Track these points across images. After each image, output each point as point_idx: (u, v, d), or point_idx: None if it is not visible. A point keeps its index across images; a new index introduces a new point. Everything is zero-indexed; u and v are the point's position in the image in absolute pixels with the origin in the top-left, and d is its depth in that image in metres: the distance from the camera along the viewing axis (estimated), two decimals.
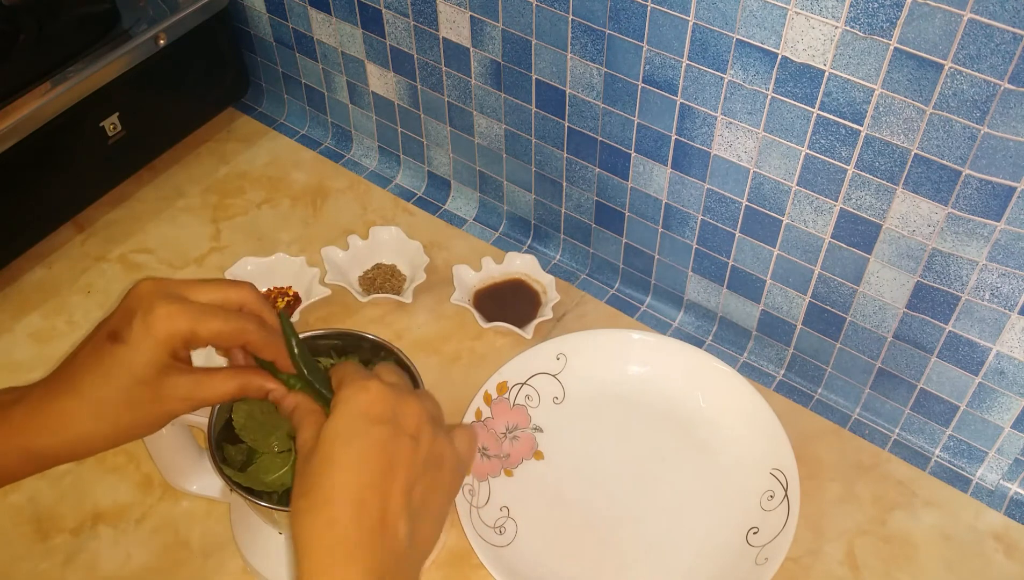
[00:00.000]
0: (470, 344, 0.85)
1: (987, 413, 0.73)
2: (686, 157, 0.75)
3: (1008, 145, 0.58)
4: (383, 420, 0.48)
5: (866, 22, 0.59)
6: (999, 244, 0.63)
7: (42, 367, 0.84)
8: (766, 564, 0.67)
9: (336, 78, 0.98)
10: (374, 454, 0.47)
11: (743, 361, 0.85)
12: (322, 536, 0.45)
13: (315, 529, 0.46)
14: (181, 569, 0.71)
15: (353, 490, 0.46)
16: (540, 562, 0.70)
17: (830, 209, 0.70)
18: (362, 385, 0.49)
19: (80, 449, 0.51)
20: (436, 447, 0.50)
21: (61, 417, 0.50)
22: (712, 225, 0.78)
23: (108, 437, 0.51)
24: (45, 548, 0.72)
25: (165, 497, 0.75)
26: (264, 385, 0.54)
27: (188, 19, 0.93)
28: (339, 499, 0.46)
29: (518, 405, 0.78)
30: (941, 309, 0.69)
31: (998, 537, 0.73)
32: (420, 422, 0.50)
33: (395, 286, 0.89)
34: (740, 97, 0.68)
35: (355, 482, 0.46)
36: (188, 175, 1.01)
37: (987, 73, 0.56)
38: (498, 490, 0.74)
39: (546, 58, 0.78)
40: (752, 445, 0.75)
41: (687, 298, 0.86)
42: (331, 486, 0.46)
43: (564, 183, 0.86)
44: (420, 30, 0.85)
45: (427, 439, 0.50)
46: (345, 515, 0.46)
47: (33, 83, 0.83)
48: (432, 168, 0.98)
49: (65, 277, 0.91)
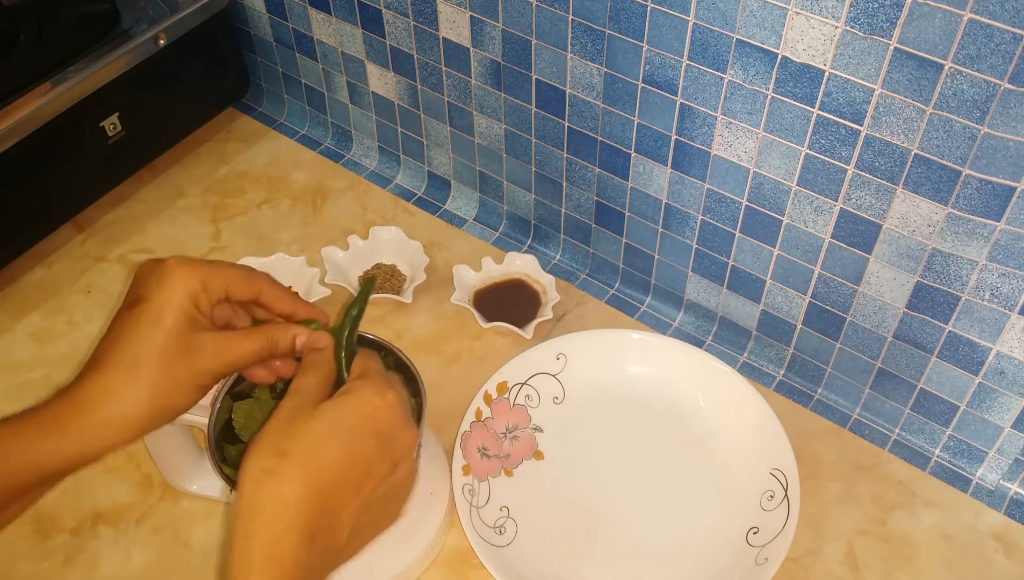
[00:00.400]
0: (470, 344, 0.85)
1: (987, 413, 0.73)
2: (686, 157, 0.75)
3: (1008, 145, 0.58)
4: (381, 434, 0.49)
5: (866, 22, 0.59)
6: (999, 244, 0.63)
7: (42, 367, 0.84)
8: (766, 564, 0.67)
9: (336, 78, 0.98)
10: (358, 459, 0.48)
11: (743, 361, 0.85)
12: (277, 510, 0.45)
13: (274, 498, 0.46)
14: (181, 569, 0.71)
15: (327, 482, 0.47)
16: (540, 562, 0.70)
17: (830, 209, 0.70)
18: (382, 391, 0.50)
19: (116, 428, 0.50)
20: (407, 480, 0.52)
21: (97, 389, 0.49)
22: (712, 225, 0.78)
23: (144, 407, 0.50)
24: (45, 548, 0.72)
25: (165, 497, 0.75)
26: (288, 333, 0.54)
27: (188, 19, 0.93)
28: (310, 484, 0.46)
29: (518, 405, 0.78)
30: (941, 309, 0.69)
31: (998, 537, 0.73)
32: (406, 452, 0.51)
33: (395, 286, 0.89)
34: (740, 97, 0.68)
35: (331, 476, 0.47)
36: (188, 175, 1.01)
37: (987, 73, 0.56)
38: (498, 490, 0.74)
39: (546, 58, 0.78)
40: (752, 445, 0.75)
41: (687, 298, 0.86)
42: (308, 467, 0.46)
43: (564, 183, 0.86)
44: (420, 30, 0.85)
45: (403, 469, 0.51)
46: (308, 502, 0.46)
47: (33, 83, 0.83)
48: (432, 168, 0.98)
49: (65, 277, 0.91)
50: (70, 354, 0.85)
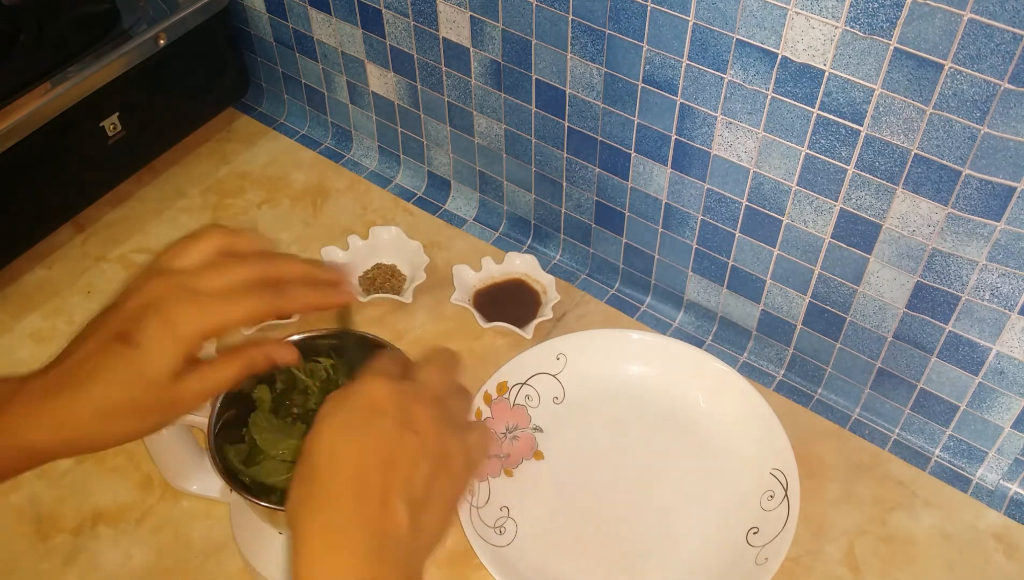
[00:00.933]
0: (470, 344, 0.85)
1: (987, 413, 0.73)
2: (686, 157, 0.75)
3: (1008, 145, 0.58)
4: (385, 413, 0.48)
5: (866, 22, 0.59)
6: (999, 244, 0.63)
7: None
8: (766, 564, 0.67)
9: (336, 78, 0.98)
10: (371, 443, 0.47)
11: (743, 361, 0.85)
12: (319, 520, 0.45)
13: (313, 513, 0.45)
14: (181, 569, 0.71)
15: (351, 475, 0.46)
16: (540, 562, 0.70)
17: (830, 209, 0.70)
18: (369, 379, 0.49)
19: (80, 447, 0.50)
20: (443, 442, 0.50)
21: (62, 416, 0.49)
22: (712, 225, 0.78)
23: (110, 439, 0.50)
24: (45, 548, 0.72)
25: (165, 497, 0.75)
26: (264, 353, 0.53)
27: (188, 19, 0.93)
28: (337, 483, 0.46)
29: (518, 405, 0.78)
30: (941, 309, 0.69)
31: (998, 537, 0.73)
32: (425, 419, 0.50)
33: (395, 286, 0.89)
34: (740, 97, 0.68)
35: (354, 469, 0.46)
36: (188, 175, 1.01)
37: (987, 73, 0.56)
38: (498, 490, 0.74)
39: (546, 58, 0.78)
40: (752, 445, 0.75)
41: (687, 298, 0.86)
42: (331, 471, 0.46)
43: (564, 183, 0.86)
44: (420, 30, 0.85)
45: (432, 435, 0.50)
46: (344, 498, 0.45)
47: (33, 83, 0.83)
48: (432, 168, 0.98)
49: (65, 277, 0.91)
50: None
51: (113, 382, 0.48)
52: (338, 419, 0.48)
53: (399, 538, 0.46)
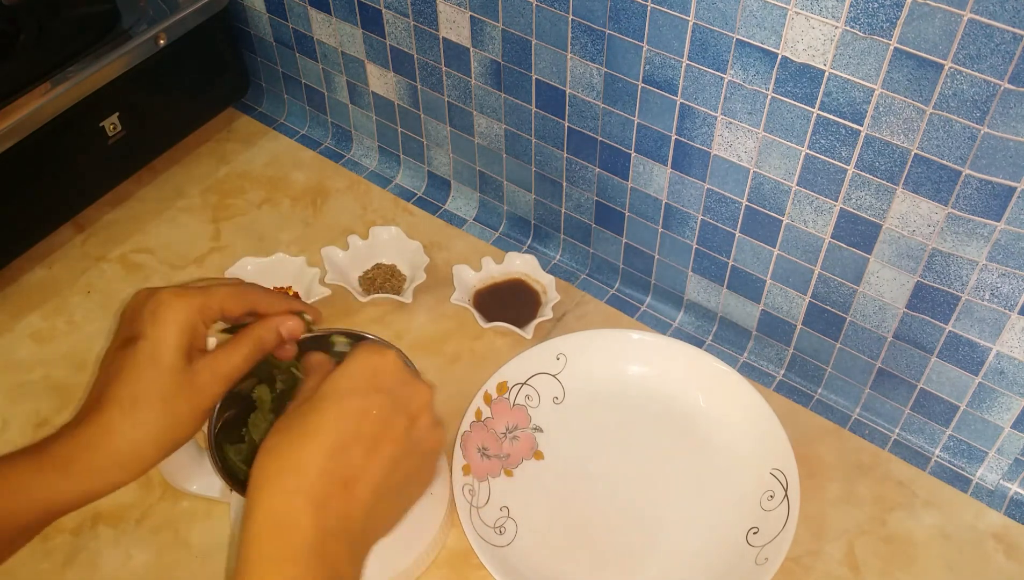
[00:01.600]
0: (470, 344, 0.85)
1: (987, 413, 0.73)
2: (686, 157, 0.75)
3: (1008, 145, 0.58)
4: (389, 390, 0.48)
5: (866, 22, 0.59)
6: (999, 244, 0.63)
7: (42, 367, 0.84)
8: (766, 564, 0.67)
9: (336, 78, 0.98)
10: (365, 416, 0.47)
11: (743, 361, 0.85)
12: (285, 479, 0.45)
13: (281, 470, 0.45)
14: (181, 569, 0.71)
15: (331, 443, 0.46)
16: (540, 562, 0.70)
17: (830, 209, 0.70)
18: (380, 350, 0.50)
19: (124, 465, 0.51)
20: (431, 434, 0.50)
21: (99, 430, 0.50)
22: (712, 225, 0.78)
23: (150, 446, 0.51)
24: (45, 548, 0.72)
25: (165, 497, 0.75)
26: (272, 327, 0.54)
27: (188, 19, 0.93)
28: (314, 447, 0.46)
29: (518, 405, 0.78)
30: (941, 309, 0.69)
31: (998, 537, 0.73)
32: (423, 405, 0.50)
33: (395, 286, 0.89)
34: (740, 97, 0.68)
35: (335, 436, 0.46)
36: (188, 175, 1.01)
37: (987, 73, 0.56)
38: (498, 490, 0.74)
39: (546, 58, 0.78)
40: (752, 445, 0.75)
41: (687, 298, 0.86)
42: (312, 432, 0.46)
43: (564, 183, 0.86)
44: (420, 30, 0.85)
45: (424, 423, 0.50)
46: (312, 463, 0.45)
47: (33, 83, 0.83)
48: (432, 168, 0.98)
49: (65, 277, 0.91)
50: (70, 354, 0.85)
51: (132, 376, 0.50)
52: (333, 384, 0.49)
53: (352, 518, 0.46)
